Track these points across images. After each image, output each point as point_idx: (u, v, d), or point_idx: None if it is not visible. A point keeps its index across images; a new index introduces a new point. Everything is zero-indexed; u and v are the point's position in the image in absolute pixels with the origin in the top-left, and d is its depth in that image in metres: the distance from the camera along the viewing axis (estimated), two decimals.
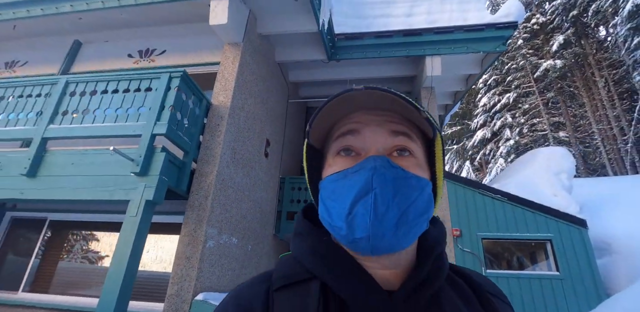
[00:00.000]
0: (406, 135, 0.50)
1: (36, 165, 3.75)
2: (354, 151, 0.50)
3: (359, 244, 0.44)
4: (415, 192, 0.46)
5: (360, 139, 0.50)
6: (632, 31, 11.12)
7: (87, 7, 4.99)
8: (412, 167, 0.49)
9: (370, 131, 0.49)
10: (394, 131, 0.49)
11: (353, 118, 0.51)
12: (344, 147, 0.50)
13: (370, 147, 0.49)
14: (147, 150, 3.51)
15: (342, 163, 0.50)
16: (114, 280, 3.05)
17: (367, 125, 0.50)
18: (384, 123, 0.50)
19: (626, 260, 5.31)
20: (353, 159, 0.49)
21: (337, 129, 0.52)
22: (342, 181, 0.47)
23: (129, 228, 3.25)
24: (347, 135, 0.50)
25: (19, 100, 4.19)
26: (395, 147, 0.49)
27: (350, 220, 0.44)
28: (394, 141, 0.49)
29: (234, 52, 4.97)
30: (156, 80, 3.94)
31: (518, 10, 5.98)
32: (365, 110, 0.50)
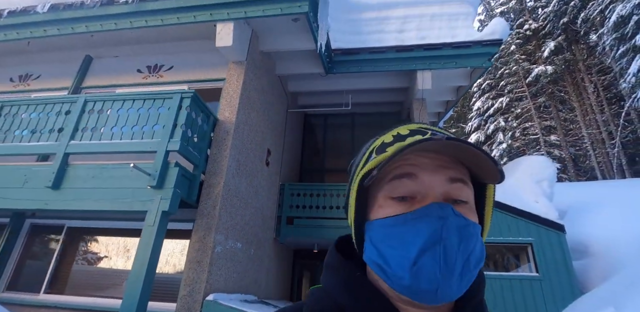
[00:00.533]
0: (462, 182, 0.48)
1: (60, 178, 4.12)
2: (410, 196, 0.48)
3: (423, 295, 0.42)
4: (473, 239, 0.45)
5: (418, 184, 0.47)
6: (617, 41, 11.61)
7: (101, 28, 5.37)
8: (469, 213, 0.47)
9: (427, 176, 0.47)
10: (451, 178, 0.47)
11: (408, 160, 0.48)
12: (402, 193, 0.48)
13: (428, 192, 0.47)
14: (162, 165, 3.89)
15: (397, 207, 0.47)
16: (135, 282, 3.43)
17: (424, 169, 0.47)
18: (440, 168, 0.48)
19: (601, 261, 5.73)
20: (409, 204, 0.47)
21: (391, 171, 0.49)
22: (402, 226, 0.45)
23: (147, 236, 3.63)
24: (404, 178, 0.48)
25: (41, 117, 4.56)
26: (452, 195, 0.47)
27: (415, 271, 0.42)
28: (451, 188, 0.47)
29: (238, 70, 5.36)
30: (169, 100, 4.32)
31: (503, 29, 6.39)
32: (419, 152, 0.48)
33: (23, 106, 4.71)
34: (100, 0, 5.18)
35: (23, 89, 6.57)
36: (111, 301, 4.53)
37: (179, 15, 5.07)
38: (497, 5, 23.20)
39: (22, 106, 4.72)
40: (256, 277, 5.50)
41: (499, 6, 23.03)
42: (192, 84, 5.80)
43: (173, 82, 5.90)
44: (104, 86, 6.15)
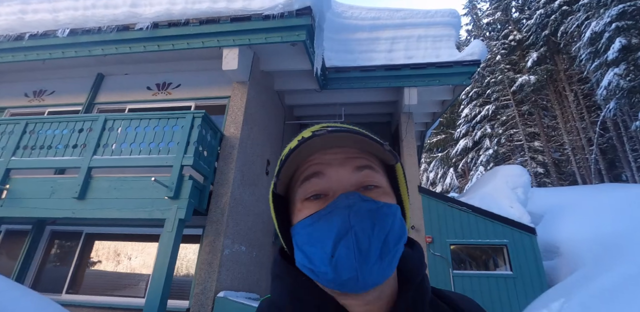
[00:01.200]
0: (369, 168, 0.50)
1: (85, 189, 4.62)
2: (322, 193, 0.49)
3: (347, 285, 0.43)
4: (388, 219, 0.46)
5: (326, 180, 0.49)
6: (592, 54, 12.43)
7: (116, 51, 5.89)
8: (381, 196, 0.49)
9: (334, 171, 0.49)
10: (357, 167, 0.49)
11: (314, 160, 0.50)
12: (312, 192, 0.49)
13: (338, 186, 0.48)
14: (178, 178, 4.43)
15: (313, 206, 0.48)
16: (156, 282, 3.94)
17: (330, 165, 0.49)
18: (346, 160, 0.49)
19: (568, 260, 6.37)
20: (323, 201, 0.48)
21: (300, 173, 0.50)
22: (317, 223, 0.46)
23: (166, 241, 4.15)
24: (312, 178, 0.49)
25: (64, 133, 5.05)
26: (362, 182, 0.49)
27: (334, 263, 0.43)
28: (359, 177, 0.49)
29: (242, 90, 5.92)
30: (182, 119, 4.86)
31: (481, 50, 7.06)
32: (323, 151, 0.50)
33: (47, 123, 5.20)
34: (117, 26, 5.71)
35: (38, 104, 7.03)
36: (127, 299, 5.02)
37: (189, 41, 5.62)
38: (483, 16, 24.16)
39: (46, 123, 5.22)
40: (258, 277, 6.02)
41: (485, 17, 23.99)
42: (199, 101, 6.34)
43: (181, 99, 6.43)
44: (116, 102, 6.65)
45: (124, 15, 5.80)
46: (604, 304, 3.48)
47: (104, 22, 5.79)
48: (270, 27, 5.34)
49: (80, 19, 5.94)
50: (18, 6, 6.25)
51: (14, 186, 4.88)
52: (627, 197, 7.73)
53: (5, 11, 6.30)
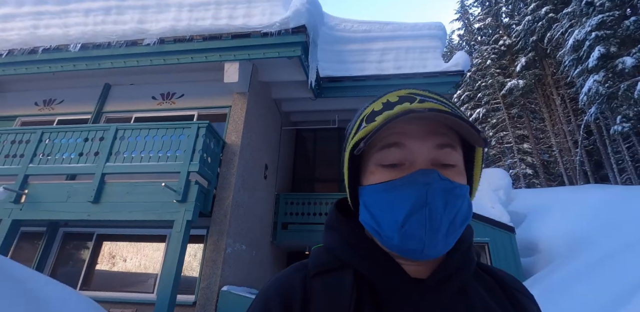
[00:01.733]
0: (451, 147, 0.50)
1: (99, 194, 5.05)
2: (399, 163, 0.49)
3: (410, 253, 0.46)
4: (459, 200, 0.47)
5: (406, 152, 0.49)
6: (575, 61, 13.01)
7: (124, 65, 6.32)
8: (456, 176, 0.49)
9: (416, 144, 0.49)
10: (439, 144, 0.49)
11: (396, 128, 0.49)
12: (390, 160, 0.50)
13: (416, 159, 0.49)
14: (185, 183, 4.87)
15: (387, 174, 0.49)
16: (166, 278, 4.38)
17: (412, 137, 0.49)
18: (429, 135, 0.49)
19: (545, 256, 6.88)
20: (399, 170, 0.49)
21: (380, 139, 0.50)
22: (392, 192, 0.47)
23: (175, 240, 4.59)
24: (393, 147, 0.49)
25: (78, 142, 5.47)
26: (441, 160, 0.49)
27: (403, 232, 0.45)
28: (440, 154, 0.49)
29: (242, 100, 6.37)
30: (188, 129, 5.30)
31: (464, 61, 7.57)
32: (408, 119, 0.48)
33: (61, 132, 5.62)
34: (125, 42, 6.14)
35: (48, 113, 7.43)
36: (138, 294, 5.45)
37: (193, 55, 6.07)
38: (475, 21, 24.80)
39: (60, 132, 5.64)
40: (257, 275, 6.47)
41: (477, 22, 24.63)
42: (201, 110, 6.79)
43: (184, 109, 6.87)
44: (123, 111, 7.07)
45: (132, 31, 6.23)
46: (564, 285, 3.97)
47: (113, 37, 6.22)
48: (269, 43, 5.81)
49: (90, 34, 6.37)
50: (30, 22, 6.67)
51: (32, 191, 5.29)
52: (604, 198, 8.27)
53: (18, 26, 6.71)
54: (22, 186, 5.27)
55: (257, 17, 6.10)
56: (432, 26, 8.20)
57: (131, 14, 6.43)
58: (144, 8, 6.44)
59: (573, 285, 3.99)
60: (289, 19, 5.67)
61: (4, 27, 6.77)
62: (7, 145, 5.63)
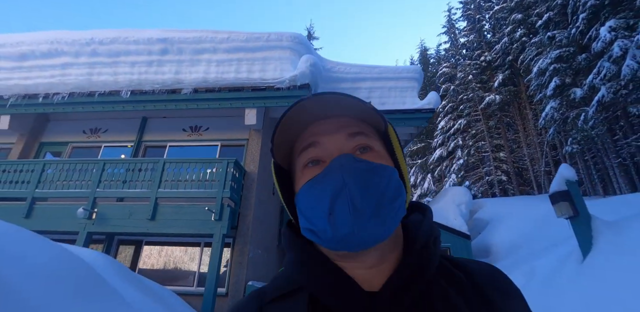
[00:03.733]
0: (363, 134, 0.52)
1: (154, 213, 6.76)
2: (319, 159, 0.51)
3: (345, 241, 0.44)
4: (384, 179, 0.47)
5: (322, 148, 0.51)
6: (539, 87, 14.91)
7: (165, 107, 7.99)
8: (375, 159, 0.50)
9: (328, 139, 0.51)
10: (351, 134, 0.51)
11: (310, 131, 0.53)
12: (309, 159, 0.51)
13: (333, 152, 0.51)
14: (220, 206, 6.60)
15: (311, 173, 0.50)
16: (210, 275, 6.13)
17: (325, 134, 0.52)
18: (340, 129, 0.52)
19: (496, 258, 8.78)
20: (320, 166, 0.50)
21: (299, 145, 0.53)
22: (315, 186, 0.48)
23: (215, 248, 6.34)
24: (309, 148, 0.52)
25: (134, 172, 7.15)
26: (356, 146, 0.51)
27: (332, 220, 0.44)
28: (353, 142, 0.51)
29: (257, 135, 8.10)
30: (219, 164, 7.02)
31: (435, 101, 9.37)
32: (318, 122, 0.52)
33: (119, 164, 7.30)
34: (167, 91, 7.81)
35: (95, 140, 9.05)
36: (180, 287, 7.18)
37: (220, 102, 7.77)
38: (461, 35, 26.67)
39: (118, 164, 7.31)
40: (269, 272, 8.25)
41: (462, 37, 26.51)
42: (224, 142, 8.49)
43: (210, 140, 8.56)
44: (159, 140, 8.74)
45: (170, 81, 7.90)
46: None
47: (156, 86, 7.87)
48: (280, 95, 7.53)
49: (136, 81, 8.01)
50: (86, 69, 8.27)
51: (100, 210, 6.98)
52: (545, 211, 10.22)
53: (75, 72, 8.31)
54: (93, 206, 6.95)
55: (270, 72, 7.81)
56: (410, 70, 9.99)
57: (169, 66, 8.08)
58: (179, 62, 8.09)
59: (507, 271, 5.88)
60: (297, 78, 7.39)
61: (62, 73, 8.36)
62: (76, 173, 7.29)
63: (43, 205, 7.24)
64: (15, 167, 7.50)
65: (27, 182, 7.27)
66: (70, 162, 7.44)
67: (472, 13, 25.08)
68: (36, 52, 8.34)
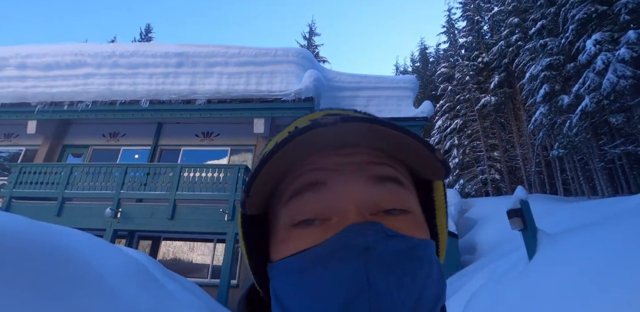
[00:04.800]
0: (395, 181, 0.31)
1: (173, 213, 7.57)
2: (320, 218, 0.30)
3: None
4: (424, 268, 0.29)
5: (329, 197, 0.30)
6: (530, 92, 15.60)
7: (180, 116, 8.73)
8: (411, 227, 0.31)
9: (342, 182, 0.30)
10: (378, 177, 0.31)
11: (311, 164, 0.31)
12: (303, 214, 0.30)
13: (347, 208, 0.30)
14: (232, 207, 7.41)
15: (305, 237, 0.30)
16: (224, 268, 6.98)
17: (337, 172, 0.31)
18: (362, 167, 0.31)
19: (479, 254, 9.65)
20: (321, 229, 0.30)
21: (289, 183, 0.32)
22: (312, 272, 0.28)
23: (228, 246, 7.17)
24: (307, 192, 0.31)
25: (155, 176, 7.94)
26: (383, 203, 0.31)
27: None
28: (381, 194, 0.30)
29: (264, 142, 8.84)
30: (231, 169, 7.81)
31: (429, 110, 10.11)
32: (326, 151, 0.31)
33: (141, 168, 8.09)
34: (183, 101, 8.54)
35: (114, 144, 9.82)
36: (196, 279, 8.03)
37: (232, 112, 8.52)
38: (460, 36, 27.18)
39: (139, 168, 8.10)
40: None
41: (461, 37, 27.02)
42: (233, 147, 9.27)
43: (220, 145, 9.33)
44: (174, 145, 9.51)
45: (186, 91, 8.62)
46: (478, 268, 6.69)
47: (173, 96, 8.60)
48: (286, 107, 8.28)
49: (154, 91, 8.73)
50: (107, 80, 8.98)
51: (124, 210, 7.79)
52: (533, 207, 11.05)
53: (97, 82, 9.03)
54: (117, 206, 7.77)
55: (277, 84, 8.54)
56: (406, 80, 10.70)
57: (184, 77, 8.79)
58: (194, 74, 8.80)
59: (480, 268, 6.73)
60: (301, 91, 8.13)
61: (85, 82, 9.07)
62: (101, 176, 8.09)
63: (72, 204, 8.05)
64: (44, 169, 8.29)
65: (57, 183, 8.06)
66: (95, 166, 8.23)
67: (471, 14, 25.55)
68: (61, 63, 9.03)
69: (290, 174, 0.32)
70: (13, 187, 8.09)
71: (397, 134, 0.29)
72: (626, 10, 10.25)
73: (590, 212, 6.08)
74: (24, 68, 9.14)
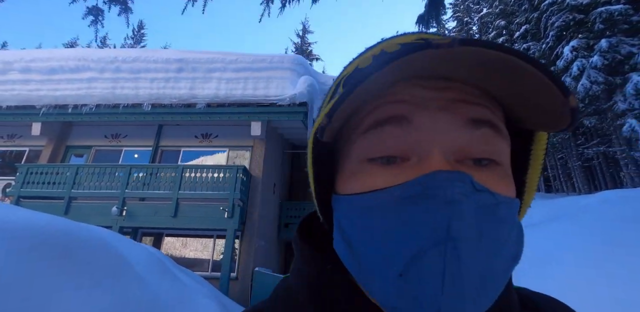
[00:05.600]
0: (492, 126, 0.28)
1: (176, 211, 8.08)
2: (400, 156, 0.28)
3: None
4: (505, 226, 0.27)
5: (413, 134, 0.27)
6: None
7: (181, 119, 9.20)
8: (499, 182, 0.28)
9: (429, 119, 0.27)
10: (473, 120, 0.27)
11: (396, 93, 0.28)
12: (382, 152, 0.28)
13: (431, 149, 0.27)
14: (232, 205, 7.96)
15: (380, 174, 0.28)
16: (225, 262, 7.54)
17: (423, 107, 0.27)
18: (453, 104, 0.27)
19: None
20: (400, 168, 0.27)
21: (369, 113, 0.29)
22: (385, 214, 0.26)
23: (228, 240, 7.72)
24: (387, 125, 0.28)
25: (159, 176, 8.43)
26: (474, 150, 0.27)
27: (402, 286, 0.25)
28: (473, 138, 0.27)
29: (261, 143, 9.40)
30: (230, 169, 8.33)
31: None
32: (416, 80, 0.28)
33: (143, 169, 8.56)
34: (183, 104, 9.00)
35: (116, 144, 10.24)
36: (198, 272, 8.58)
37: (230, 116, 9.01)
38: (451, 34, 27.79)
39: (142, 168, 8.57)
40: (271, 260, 9.71)
41: (453, 33, 27.64)
42: (231, 148, 9.77)
43: (219, 146, 9.83)
44: (174, 146, 9.97)
45: (186, 95, 9.09)
46: None
47: (174, 100, 9.05)
48: (282, 111, 8.80)
49: (155, 95, 9.18)
50: (110, 84, 9.39)
51: (129, 208, 8.28)
52: None
53: (100, 86, 9.43)
54: (123, 205, 8.25)
55: (273, 89, 9.05)
56: None
57: (184, 82, 9.24)
58: (194, 79, 9.25)
59: None
60: (296, 97, 8.65)
61: (89, 86, 9.46)
62: (106, 176, 8.55)
63: (79, 203, 8.51)
64: (51, 170, 8.71)
65: (64, 183, 8.51)
66: (100, 166, 8.68)
67: (461, 15, 26.18)
68: (65, 67, 9.40)
69: (371, 102, 0.28)
70: (20, 186, 8.52)
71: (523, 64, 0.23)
72: (600, 19, 10.94)
73: (557, 208, 6.75)
74: (28, 72, 9.49)
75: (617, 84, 10.32)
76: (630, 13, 10.25)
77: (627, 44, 10.35)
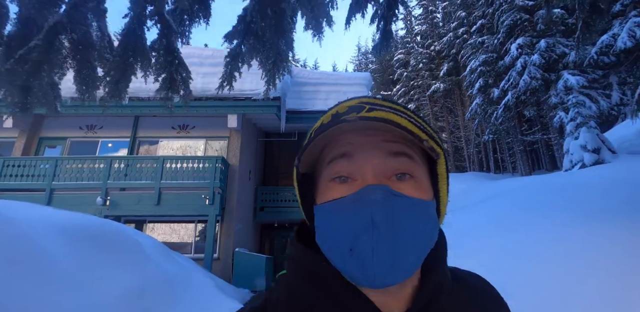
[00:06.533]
0: (406, 156, 0.44)
1: (159, 199, 8.70)
2: (349, 177, 0.44)
3: (360, 282, 0.41)
4: (419, 218, 0.43)
5: (355, 164, 0.44)
6: (470, 83, 17.79)
7: (161, 112, 9.59)
8: (414, 190, 0.44)
9: (365, 155, 0.44)
10: (393, 152, 0.44)
11: (345, 139, 0.45)
12: (336, 173, 0.45)
13: (365, 173, 0.44)
14: (212, 193, 8.69)
15: (337, 190, 0.44)
16: (208, 244, 8.36)
17: (362, 147, 0.44)
18: (380, 143, 0.44)
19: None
20: (348, 186, 0.44)
21: (329, 152, 0.46)
22: (339, 213, 0.43)
23: (210, 225, 8.51)
24: (340, 159, 0.45)
25: (141, 167, 8.93)
26: (395, 170, 0.44)
27: (349, 258, 0.41)
28: (393, 164, 0.44)
29: (237, 134, 10.04)
30: (210, 160, 8.99)
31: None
32: (358, 131, 0.45)
33: (124, 160, 9.01)
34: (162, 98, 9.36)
35: (92, 136, 10.46)
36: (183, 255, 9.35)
37: (207, 109, 9.53)
38: (416, 25, 28.74)
39: (122, 160, 9.02)
40: (247, 241, 10.64)
41: (418, 25, 28.59)
42: (209, 139, 10.33)
43: (196, 137, 10.35)
44: (152, 137, 10.37)
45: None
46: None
47: (150, 93, 9.37)
48: (256, 105, 9.45)
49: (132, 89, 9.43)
50: None
51: (113, 198, 8.79)
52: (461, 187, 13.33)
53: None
54: (106, 195, 8.74)
55: (248, 84, 9.60)
56: (361, 77, 12.14)
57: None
58: None
59: None
60: (270, 92, 9.26)
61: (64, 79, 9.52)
62: (88, 169, 8.93)
63: (61, 194, 8.88)
64: (28, 162, 8.93)
65: (44, 175, 8.80)
66: (80, 159, 9.02)
67: (426, 3, 27.03)
68: None
69: (330, 146, 0.46)
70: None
71: (401, 131, 0.42)
72: (541, 20, 12.24)
73: (497, 188, 8.10)
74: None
75: (552, 80, 11.80)
76: (565, 17, 11.59)
77: (562, 44, 11.76)
